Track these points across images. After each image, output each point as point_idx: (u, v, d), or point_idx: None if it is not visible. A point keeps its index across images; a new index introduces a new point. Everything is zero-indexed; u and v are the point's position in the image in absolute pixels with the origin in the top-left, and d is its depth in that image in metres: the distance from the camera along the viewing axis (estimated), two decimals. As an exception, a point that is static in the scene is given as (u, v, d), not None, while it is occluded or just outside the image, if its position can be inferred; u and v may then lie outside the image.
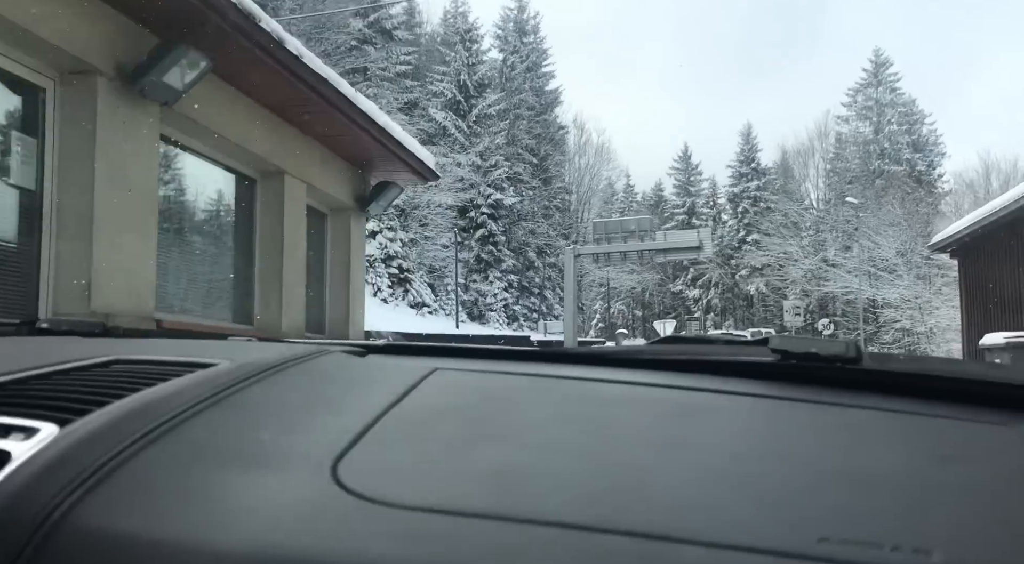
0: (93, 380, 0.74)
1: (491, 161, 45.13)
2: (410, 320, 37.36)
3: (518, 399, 0.78)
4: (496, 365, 0.96)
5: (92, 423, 0.61)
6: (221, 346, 1.05)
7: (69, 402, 0.65)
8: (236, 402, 0.69)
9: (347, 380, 0.85)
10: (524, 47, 54.54)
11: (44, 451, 0.57)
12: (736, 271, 69.40)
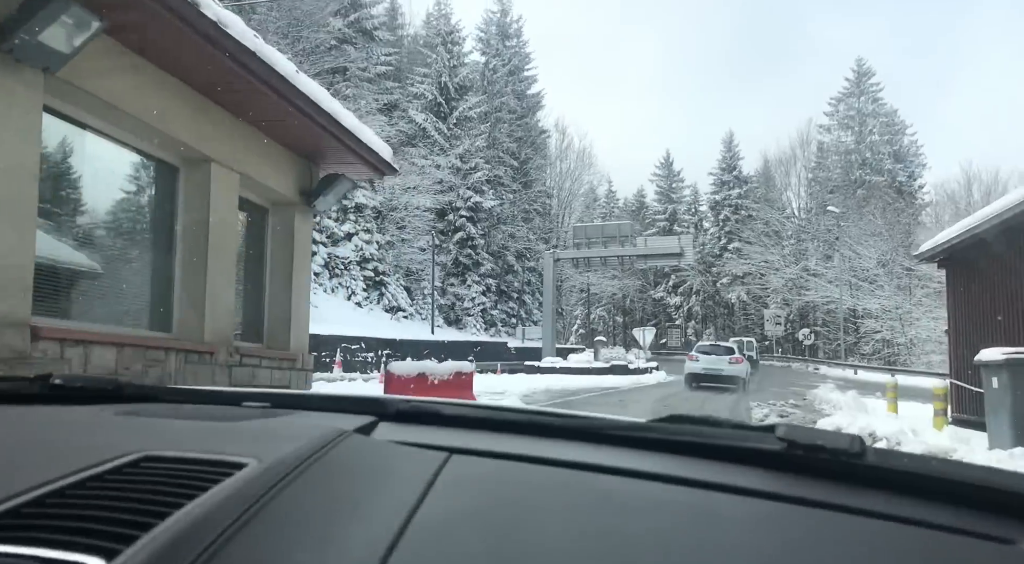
0: (130, 491, 0.73)
1: (471, 164, 44.42)
2: (385, 325, 36.50)
3: (536, 503, 0.80)
4: (511, 443, 1.00)
5: (140, 554, 0.60)
6: (243, 430, 1.03)
7: (109, 524, 0.65)
8: (269, 514, 0.71)
9: (366, 474, 0.86)
10: (506, 50, 53.92)
11: None
12: (717, 279, 69.15)
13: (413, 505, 0.74)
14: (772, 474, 0.87)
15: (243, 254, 7.08)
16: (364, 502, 0.77)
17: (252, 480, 0.76)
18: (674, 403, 16.05)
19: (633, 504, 0.80)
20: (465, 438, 1.02)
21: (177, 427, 1.06)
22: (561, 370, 28.38)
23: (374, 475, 0.85)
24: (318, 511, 0.74)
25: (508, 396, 14.86)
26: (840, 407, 14.79)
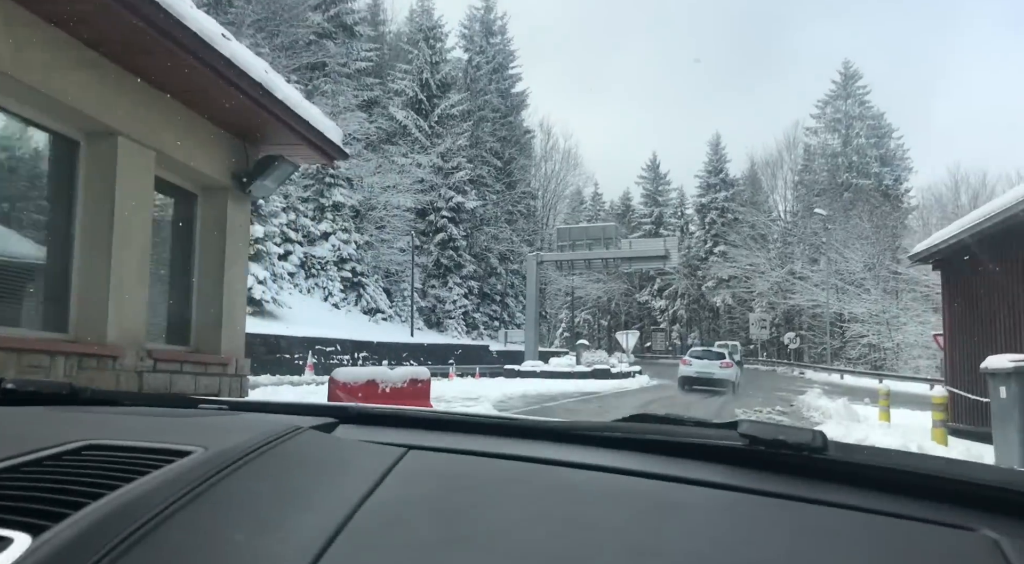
0: (66, 475, 0.73)
1: (453, 163, 43.57)
2: (363, 327, 35.58)
3: (491, 493, 0.80)
4: (470, 442, 0.99)
5: (67, 531, 0.59)
6: (194, 424, 1.02)
7: (42, 504, 0.65)
8: (211, 498, 0.71)
9: (319, 466, 0.85)
10: (490, 48, 53.15)
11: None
12: (703, 282, 68.62)
13: (364, 494, 0.74)
14: (735, 469, 0.88)
15: (166, 245, 6.24)
16: (314, 492, 0.75)
17: (196, 465, 0.75)
18: (657, 411, 15.27)
19: (593, 494, 0.79)
20: (425, 437, 1.01)
21: (127, 422, 1.04)
22: (542, 374, 27.61)
23: (328, 468, 0.84)
24: (264, 498, 0.73)
25: (482, 402, 14.05)
26: (830, 415, 14.09)
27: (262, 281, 29.42)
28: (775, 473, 0.87)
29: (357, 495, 0.73)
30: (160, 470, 0.72)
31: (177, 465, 0.74)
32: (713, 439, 0.93)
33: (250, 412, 1.21)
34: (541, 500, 0.77)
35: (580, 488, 0.81)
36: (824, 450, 0.84)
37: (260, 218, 29.77)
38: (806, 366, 48.09)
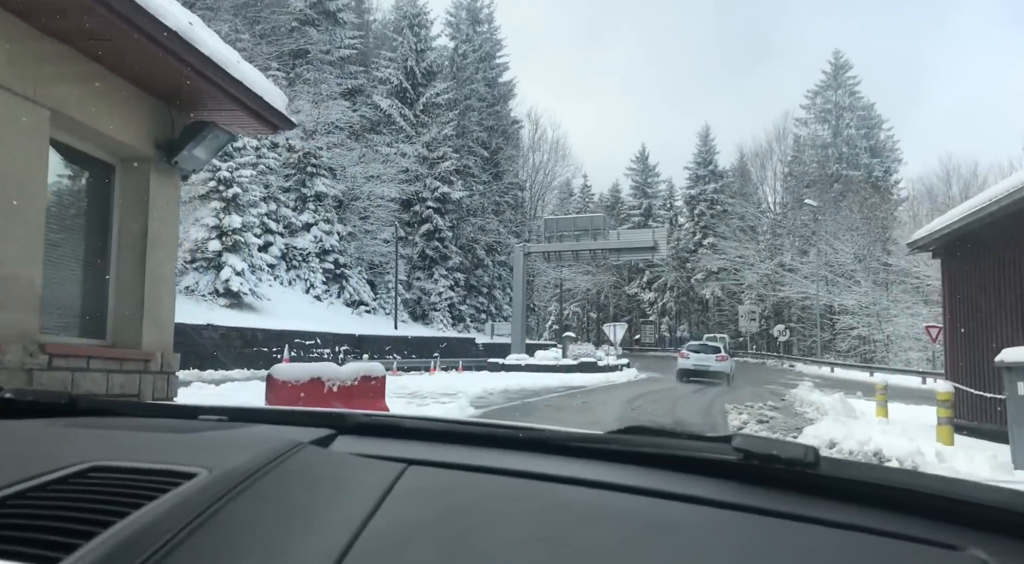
0: (73, 501, 0.74)
1: (439, 152, 42.66)
2: (345, 320, 34.74)
3: (490, 513, 0.81)
4: (467, 454, 1.01)
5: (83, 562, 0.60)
6: (195, 441, 1.02)
7: (51, 533, 0.65)
8: (218, 523, 0.71)
9: (321, 485, 0.86)
10: (477, 36, 52.17)
11: None
12: (692, 275, 68.06)
13: (367, 515, 0.75)
14: (728, 484, 0.89)
15: (76, 222, 5.43)
16: (317, 513, 0.76)
17: (201, 490, 0.75)
18: (644, 406, 14.54)
19: (588, 513, 0.80)
20: (424, 450, 1.01)
21: (129, 438, 1.04)
22: (527, 368, 26.86)
23: (329, 486, 0.84)
24: (268, 521, 0.74)
25: (459, 399, 13.28)
26: (825, 411, 13.40)
27: (240, 273, 28.55)
28: (768, 488, 0.87)
29: (360, 516, 0.74)
30: (167, 495, 0.72)
31: (184, 489, 0.74)
32: (707, 453, 0.93)
33: (247, 423, 1.19)
34: (540, 520, 0.77)
35: (577, 506, 0.81)
36: (816, 465, 0.85)
37: (238, 208, 28.88)
38: (796, 359, 47.58)
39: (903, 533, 0.76)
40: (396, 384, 16.32)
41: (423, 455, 0.96)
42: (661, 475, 0.92)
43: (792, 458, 0.85)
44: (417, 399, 13.02)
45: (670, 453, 0.96)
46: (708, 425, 11.29)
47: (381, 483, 0.83)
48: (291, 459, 0.89)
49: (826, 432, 9.32)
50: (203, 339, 23.80)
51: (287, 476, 0.84)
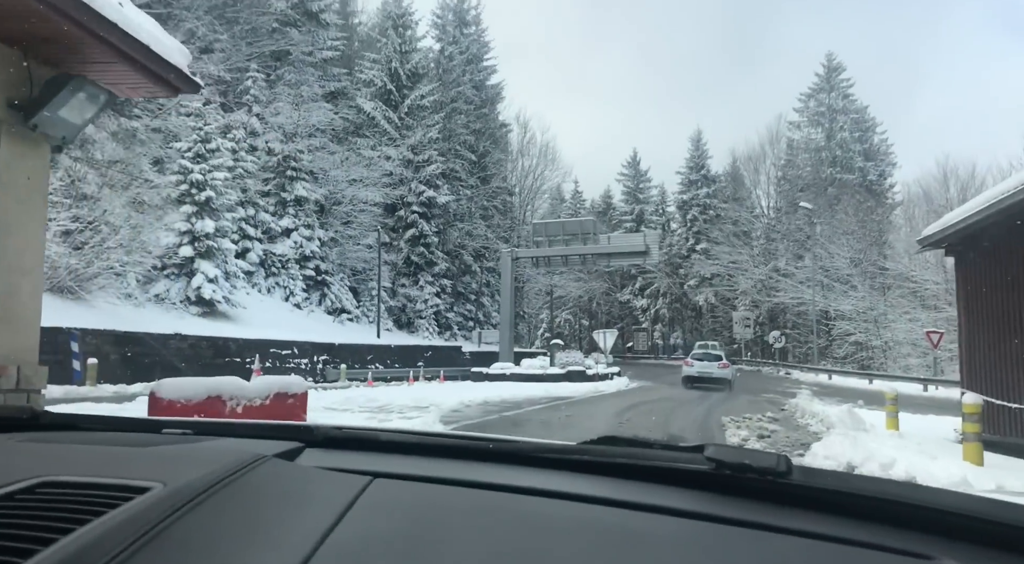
0: (17, 517, 0.72)
1: (424, 156, 41.51)
2: (326, 328, 33.49)
3: (455, 526, 0.79)
4: (437, 467, 0.99)
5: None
6: (154, 455, 0.99)
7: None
8: (169, 538, 0.69)
9: (282, 498, 0.84)
10: (464, 38, 51.10)
11: None
12: (685, 281, 67.05)
13: (327, 529, 0.73)
14: (700, 494, 0.89)
15: None
16: (275, 526, 0.74)
17: (153, 504, 0.74)
18: (634, 420, 13.36)
19: (556, 525, 0.79)
20: (392, 463, 1.00)
21: (87, 453, 1.01)
22: (512, 377, 25.67)
23: (290, 499, 0.83)
24: (224, 536, 0.72)
25: (430, 412, 12.11)
26: (831, 423, 12.25)
27: (213, 280, 27.31)
28: (740, 498, 0.87)
29: (320, 530, 0.71)
30: (117, 510, 0.70)
31: (134, 503, 0.72)
32: (680, 463, 0.93)
33: (214, 437, 1.15)
34: (506, 532, 0.76)
35: (546, 518, 0.79)
36: (788, 474, 0.85)
37: (211, 212, 27.67)
38: (792, 366, 46.50)
39: (875, 543, 0.74)
40: (366, 397, 15.14)
41: (390, 468, 0.94)
42: (633, 486, 0.90)
43: (764, 467, 0.84)
44: (383, 414, 11.85)
45: (642, 464, 0.94)
46: (705, 441, 10.15)
47: (344, 496, 0.80)
48: (253, 472, 0.86)
49: (839, 450, 8.18)
50: (170, 349, 22.56)
51: (247, 490, 0.81)
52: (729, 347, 53.03)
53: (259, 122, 35.87)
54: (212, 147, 28.14)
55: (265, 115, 35.86)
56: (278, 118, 35.78)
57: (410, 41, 43.96)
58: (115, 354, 20.62)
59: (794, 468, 0.85)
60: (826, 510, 0.83)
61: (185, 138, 27.96)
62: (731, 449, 0.89)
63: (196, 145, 27.63)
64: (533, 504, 0.83)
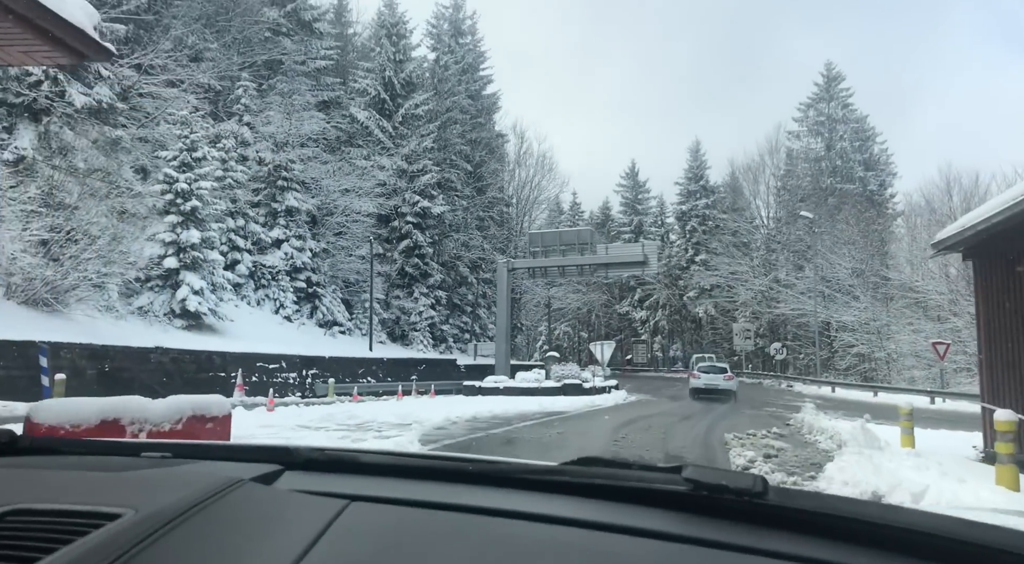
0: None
1: (418, 165, 40.82)
2: (317, 341, 32.67)
3: (432, 549, 0.80)
4: (417, 489, 0.99)
5: None
6: (130, 480, 0.98)
7: None
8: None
9: (256, 524, 0.84)
10: (460, 48, 50.55)
11: None
12: (684, 292, 66.28)
13: (299, 554, 0.73)
14: (678, 516, 0.90)
15: None
16: (247, 552, 0.74)
17: (124, 531, 0.73)
18: (630, 437, 12.51)
19: (533, 548, 0.80)
20: (371, 485, 1.00)
21: (63, 479, 1.01)
22: (505, 391, 24.82)
23: (265, 524, 0.82)
24: (195, 562, 0.72)
25: (412, 430, 11.29)
26: (842, 440, 11.43)
27: (198, 291, 26.50)
28: (718, 519, 0.87)
29: (292, 556, 0.71)
30: (86, 537, 0.70)
31: (104, 531, 0.71)
32: (658, 484, 0.94)
33: (193, 460, 1.14)
34: (483, 557, 0.76)
35: (524, 542, 0.80)
36: (764, 495, 0.85)
37: (197, 222, 26.92)
38: (794, 378, 45.63)
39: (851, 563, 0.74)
40: (347, 413, 14.33)
41: (368, 490, 0.93)
42: (611, 507, 0.90)
43: (741, 488, 0.84)
44: (360, 433, 11.02)
45: (621, 485, 0.94)
46: (708, 462, 9.34)
47: (319, 521, 0.79)
48: (228, 497, 0.85)
49: (858, 474, 7.36)
50: (150, 364, 21.73)
51: (221, 514, 0.80)
52: (729, 359, 52.18)
53: (250, 132, 35.18)
54: (198, 155, 27.42)
55: (256, 124, 35.17)
56: (269, 127, 35.09)
57: (404, 50, 43.39)
58: (91, 369, 19.80)
59: (770, 489, 0.85)
60: (803, 531, 0.83)
61: (171, 147, 27.25)
62: (709, 470, 0.88)
63: (182, 154, 26.92)
64: (511, 527, 0.82)
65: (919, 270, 44.58)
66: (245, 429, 10.40)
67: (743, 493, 0.84)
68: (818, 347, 45.64)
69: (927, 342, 36.23)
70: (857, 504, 0.88)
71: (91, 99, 25.41)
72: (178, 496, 0.81)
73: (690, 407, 22.86)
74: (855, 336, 44.86)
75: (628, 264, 36.85)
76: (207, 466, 1.08)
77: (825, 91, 62.38)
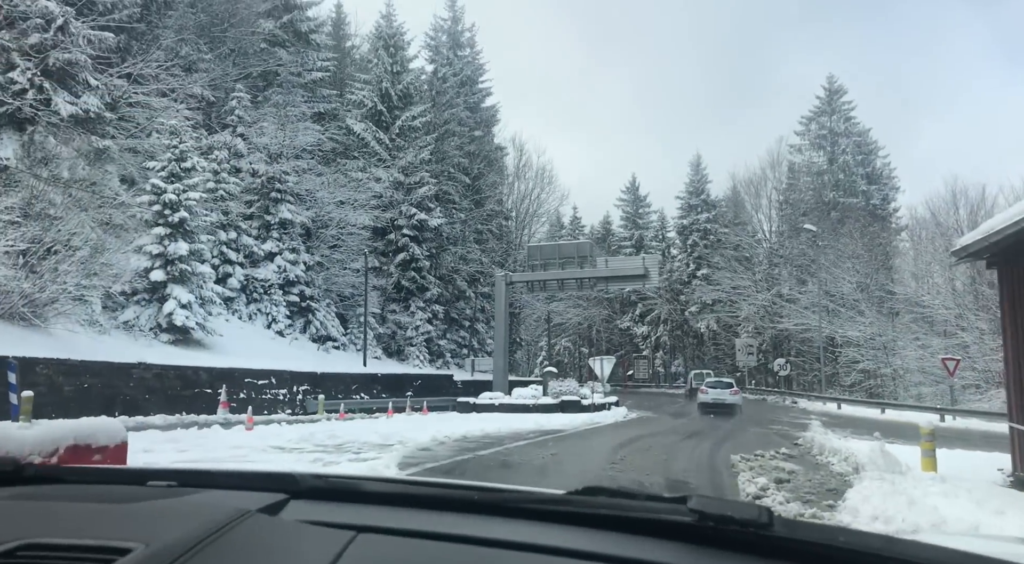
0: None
1: (416, 177, 40.17)
2: (310, 357, 31.84)
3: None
4: (424, 520, 0.99)
5: None
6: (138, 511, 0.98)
7: None
8: None
9: (265, 557, 0.84)
10: (458, 60, 50.06)
11: None
12: (686, 307, 65.48)
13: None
14: (683, 547, 0.90)
15: None
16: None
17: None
18: (629, 460, 11.68)
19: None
20: (377, 515, 1.01)
21: (71, 510, 1.01)
22: (500, 407, 23.99)
23: (272, 557, 0.83)
24: None
25: (393, 452, 10.47)
26: (858, 462, 10.60)
27: (186, 305, 25.70)
28: (723, 551, 0.87)
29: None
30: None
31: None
32: (663, 514, 0.93)
33: (199, 489, 1.14)
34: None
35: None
36: (770, 527, 0.85)
37: (185, 234, 26.18)
38: (798, 394, 44.72)
39: None
40: (328, 432, 13.51)
41: (375, 521, 0.93)
42: (617, 538, 0.89)
43: (746, 519, 0.84)
44: (335, 454, 10.19)
45: (626, 515, 0.94)
46: (714, 489, 8.53)
47: (327, 553, 0.79)
48: (235, 529, 0.85)
49: (888, 506, 6.56)
50: (132, 380, 20.93)
51: (229, 548, 0.80)
52: (732, 375, 51.34)
53: (243, 143, 34.54)
54: (188, 165, 26.72)
55: (250, 136, 34.53)
56: (263, 139, 34.44)
57: (402, 62, 42.87)
58: (68, 386, 19.01)
59: (776, 520, 0.84)
60: (808, 562, 0.82)
61: (159, 157, 26.57)
62: (714, 501, 0.87)
63: (170, 164, 26.23)
64: (518, 560, 0.81)
65: (925, 284, 43.77)
66: (213, 451, 9.62)
67: (748, 524, 0.83)
68: (823, 363, 44.76)
69: (934, 358, 35.35)
70: (862, 536, 0.88)
71: (78, 108, 24.77)
72: (186, 529, 0.79)
73: (693, 425, 22.02)
74: (860, 351, 43.97)
75: (629, 277, 36.09)
76: (213, 496, 1.07)
77: (827, 104, 61.86)
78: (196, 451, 9.59)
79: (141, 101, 28.19)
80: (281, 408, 25.94)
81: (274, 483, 1.12)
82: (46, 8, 24.14)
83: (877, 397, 40.59)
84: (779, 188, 60.48)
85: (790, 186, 60.55)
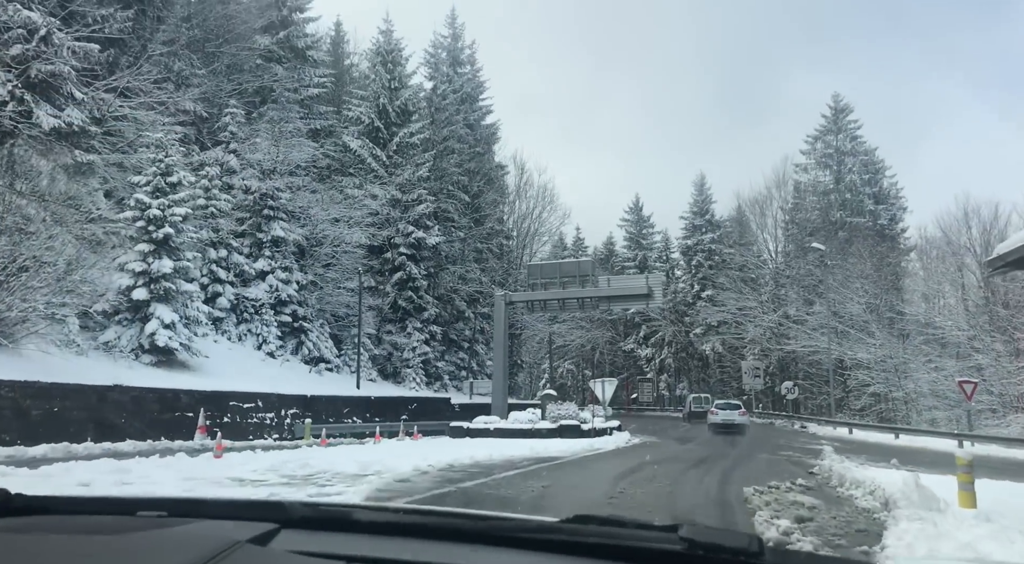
0: None
1: (413, 195, 39.26)
2: (301, 379, 30.72)
3: None
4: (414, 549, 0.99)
5: None
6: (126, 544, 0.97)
7: None
8: None
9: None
10: (458, 77, 49.39)
11: None
12: (691, 329, 64.26)
13: None
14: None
15: None
16: None
17: None
18: (630, 493, 10.53)
19: None
20: (367, 545, 1.00)
21: (62, 543, 0.99)
22: (495, 432, 22.81)
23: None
24: None
25: (368, 483, 9.36)
26: (887, 497, 9.44)
27: (169, 325, 24.65)
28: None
29: None
30: None
31: None
32: (653, 543, 0.93)
33: (189, 518, 1.13)
34: None
35: None
36: (761, 556, 0.85)
37: (170, 251, 25.20)
38: (807, 419, 43.36)
39: None
40: (302, 460, 12.37)
41: (365, 551, 0.93)
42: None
43: (737, 548, 0.84)
44: (297, 488, 9.07)
45: (616, 544, 0.93)
46: (727, 517, 7.42)
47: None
48: (225, 562, 0.84)
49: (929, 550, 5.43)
50: (107, 403, 19.83)
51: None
52: (739, 398, 50.06)
53: (236, 159, 33.69)
54: (173, 180, 25.78)
55: (243, 151, 33.68)
56: (256, 155, 33.59)
57: (400, 78, 42.16)
58: (37, 410, 17.94)
59: (767, 549, 0.84)
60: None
61: (144, 171, 25.66)
62: (705, 529, 0.87)
63: (155, 178, 25.30)
64: None
65: (936, 304, 42.61)
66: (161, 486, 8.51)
67: (739, 553, 0.83)
68: (832, 386, 43.48)
69: (948, 381, 34.14)
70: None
71: (61, 121, 23.91)
72: (175, 562, 0.77)
73: (699, 451, 20.83)
74: (870, 374, 42.68)
75: (632, 297, 34.99)
76: (203, 526, 1.04)
77: (833, 123, 61.01)
78: (141, 484, 8.48)
79: (128, 115, 27.35)
80: (268, 433, 24.79)
81: (264, 512, 1.10)
82: (28, 18, 23.39)
83: (889, 422, 39.27)
84: (785, 208, 59.49)
85: (796, 206, 59.57)
